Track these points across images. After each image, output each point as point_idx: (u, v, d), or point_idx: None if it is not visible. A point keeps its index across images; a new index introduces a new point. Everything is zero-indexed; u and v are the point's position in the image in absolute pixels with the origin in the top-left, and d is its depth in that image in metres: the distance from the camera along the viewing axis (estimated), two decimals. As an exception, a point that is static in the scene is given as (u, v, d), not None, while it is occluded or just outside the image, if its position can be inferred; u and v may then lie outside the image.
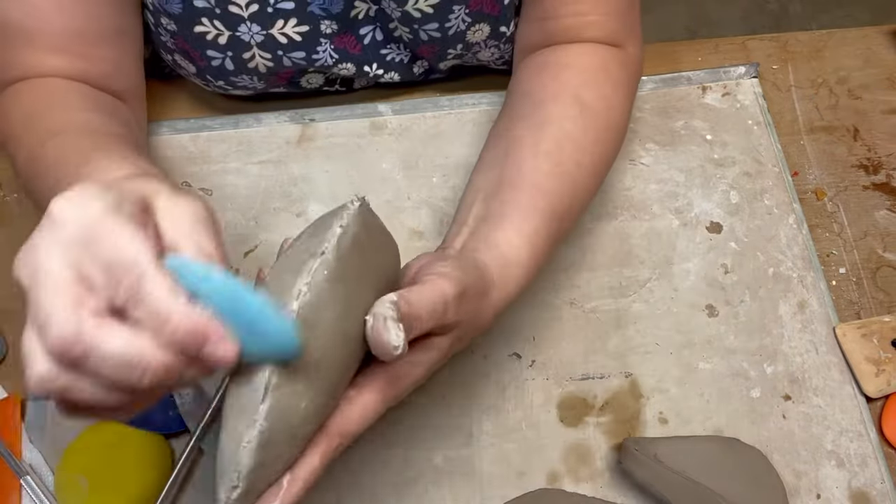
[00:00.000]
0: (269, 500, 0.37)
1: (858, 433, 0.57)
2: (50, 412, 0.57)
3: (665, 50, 0.74)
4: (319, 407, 0.37)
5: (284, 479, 0.37)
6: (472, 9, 0.60)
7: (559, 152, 0.54)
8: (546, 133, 0.54)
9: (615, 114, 0.58)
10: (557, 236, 0.53)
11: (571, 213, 0.54)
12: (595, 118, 0.56)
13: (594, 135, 0.56)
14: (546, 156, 0.53)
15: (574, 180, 0.54)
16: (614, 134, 0.58)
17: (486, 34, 0.63)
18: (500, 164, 0.54)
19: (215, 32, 0.58)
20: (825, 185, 0.67)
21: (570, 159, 0.54)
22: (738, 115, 0.70)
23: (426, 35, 0.61)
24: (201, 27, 0.58)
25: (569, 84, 0.57)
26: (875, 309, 0.62)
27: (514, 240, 0.50)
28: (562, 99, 0.56)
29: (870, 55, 0.74)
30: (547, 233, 0.51)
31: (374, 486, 0.55)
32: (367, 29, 0.64)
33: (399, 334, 0.36)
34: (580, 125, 0.55)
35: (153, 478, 0.53)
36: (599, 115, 0.57)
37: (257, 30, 0.58)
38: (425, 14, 0.59)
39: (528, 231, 0.50)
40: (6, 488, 0.54)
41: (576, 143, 0.55)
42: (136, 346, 0.31)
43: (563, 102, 0.56)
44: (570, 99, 0.56)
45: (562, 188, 0.53)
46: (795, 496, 0.54)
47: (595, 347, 0.60)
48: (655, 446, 0.53)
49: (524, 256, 0.50)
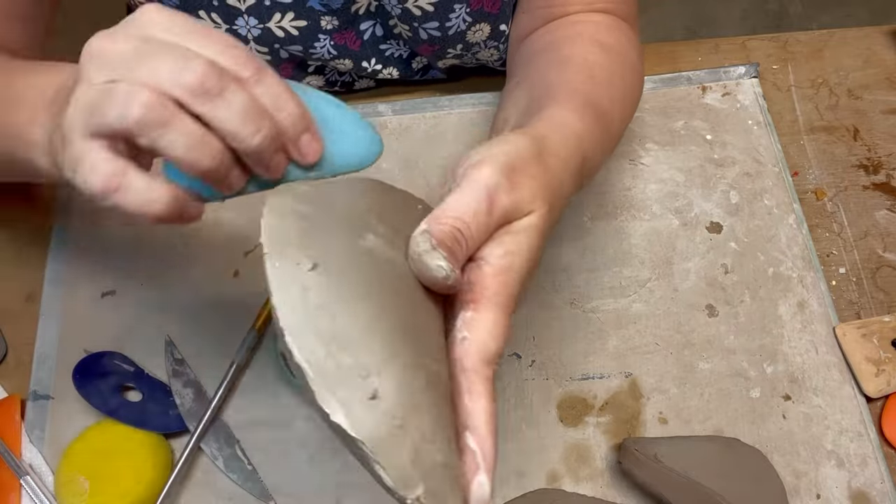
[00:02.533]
0: (475, 478, 0.32)
1: (858, 433, 0.57)
2: (50, 412, 0.57)
3: (665, 50, 0.74)
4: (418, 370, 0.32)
5: (469, 441, 0.33)
6: (473, 8, 0.60)
7: (588, 70, 0.51)
8: (571, 64, 0.52)
9: (633, 60, 0.56)
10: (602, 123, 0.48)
11: (610, 112, 0.50)
12: (617, 56, 0.54)
13: (620, 68, 0.54)
14: (575, 72, 0.51)
15: (609, 89, 0.51)
16: (635, 77, 0.56)
17: (486, 34, 0.63)
18: (527, 92, 0.51)
19: (212, 26, 0.58)
20: (825, 185, 0.67)
21: (601, 74, 0.51)
22: (738, 115, 0.70)
23: (426, 34, 0.61)
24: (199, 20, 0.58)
25: (584, 31, 0.55)
26: (875, 309, 0.62)
27: (557, 111, 0.45)
28: (580, 41, 0.54)
29: (870, 55, 0.74)
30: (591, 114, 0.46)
31: (374, 486, 0.55)
32: (367, 24, 0.64)
33: (440, 263, 0.33)
34: (604, 58, 0.53)
35: (153, 478, 0.53)
36: (620, 53, 0.55)
37: (254, 23, 0.58)
38: (426, 12, 0.59)
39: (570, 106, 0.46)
40: (6, 488, 0.54)
41: (603, 67, 0.52)
42: (256, 107, 0.35)
43: (582, 43, 0.54)
44: (589, 41, 0.54)
45: (597, 88, 0.50)
46: (795, 496, 0.54)
47: (595, 347, 0.60)
48: (655, 446, 0.53)
49: (574, 119, 0.45)
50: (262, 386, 0.58)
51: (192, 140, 0.34)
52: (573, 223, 0.65)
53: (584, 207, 0.65)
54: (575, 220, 0.65)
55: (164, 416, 0.56)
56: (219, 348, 0.59)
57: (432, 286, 0.34)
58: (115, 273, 0.62)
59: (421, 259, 0.33)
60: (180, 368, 0.58)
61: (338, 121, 0.40)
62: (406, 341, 0.32)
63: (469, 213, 0.34)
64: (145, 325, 0.60)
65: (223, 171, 0.36)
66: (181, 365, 0.58)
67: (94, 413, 0.56)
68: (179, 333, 0.60)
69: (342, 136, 0.40)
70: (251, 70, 0.35)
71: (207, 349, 0.59)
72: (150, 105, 0.33)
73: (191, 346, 0.59)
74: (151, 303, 0.61)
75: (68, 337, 0.60)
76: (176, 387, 0.57)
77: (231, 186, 0.37)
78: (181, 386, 0.57)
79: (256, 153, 0.35)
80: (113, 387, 0.56)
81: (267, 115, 0.35)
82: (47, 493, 0.54)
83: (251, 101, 0.35)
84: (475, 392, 0.33)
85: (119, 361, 0.58)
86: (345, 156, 0.40)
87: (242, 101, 0.34)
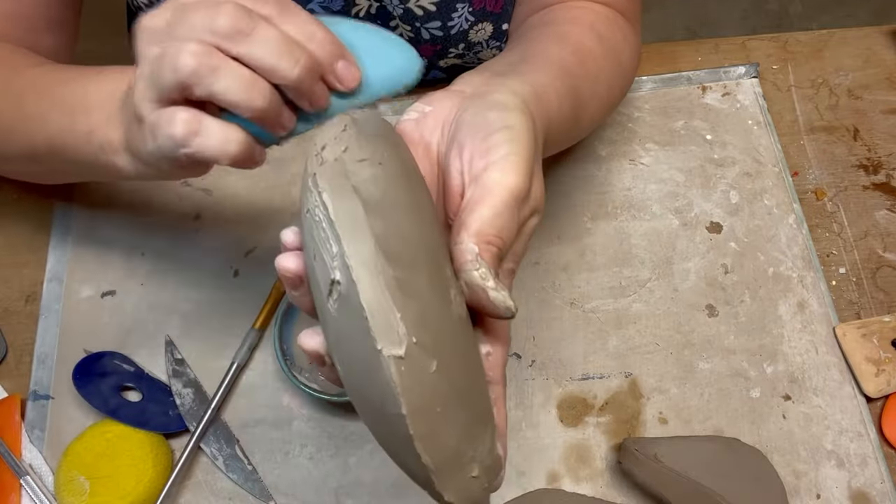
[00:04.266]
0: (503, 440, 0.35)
1: (858, 433, 0.57)
2: (50, 412, 0.57)
3: (665, 50, 0.74)
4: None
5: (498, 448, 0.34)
6: (476, 7, 0.60)
7: (579, 53, 0.51)
8: (567, 42, 0.52)
9: (625, 61, 0.57)
10: (575, 104, 0.49)
11: (583, 112, 0.51)
12: (611, 51, 0.55)
13: (609, 62, 0.54)
14: (566, 50, 0.51)
15: (595, 78, 0.52)
16: (622, 80, 0.57)
17: (488, 34, 0.63)
18: (516, 54, 0.51)
19: None
20: (825, 185, 0.67)
21: (590, 61, 0.52)
22: (738, 115, 0.70)
23: (428, 34, 0.61)
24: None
25: (583, 17, 0.55)
26: (875, 309, 0.62)
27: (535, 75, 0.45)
28: (578, 24, 0.54)
29: (870, 55, 0.74)
30: (566, 92, 0.47)
31: (374, 486, 0.55)
32: None
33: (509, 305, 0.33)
34: (598, 49, 0.53)
35: (153, 478, 0.53)
36: (614, 49, 0.55)
37: None
38: (428, 12, 0.59)
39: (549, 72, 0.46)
40: (6, 488, 0.54)
41: (594, 55, 0.53)
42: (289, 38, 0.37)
43: (581, 27, 0.54)
44: (587, 27, 0.54)
45: (583, 72, 0.50)
46: (795, 496, 0.54)
47: (595, 347, 0.60)
48: (655, 446, 0.53)
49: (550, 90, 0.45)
50: (262, 386, 0.58)
51: (243, 82, 0.36)
52: (573, 223, 0.65)
53: (584, 207, 0.65)
54: (575, 220, 0.65)
55: (164, 416, 0.56)
56: (219, 348, 0.59)
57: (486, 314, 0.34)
58: (115, 273, 0.62)
59: (487, 294, 0.33)
60: (180, 368, 0.58)
61: (371, 44, 0.40)
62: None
63: (507, 233, 0.34)
64: (145, 325, 0.60)
65: (275, 110, 0.38)
66: (181, 365, 0.58)
67: (94, 413, 0.56)
68: (179, 333, 0.60)
69: (378, 58, 0.40)
70: (276, 7, 0.37)
71: (207, 349, 0.59)
72: (198, 54, 0.35)
73: (191, 346, 0.59)
74: (151, 303, 0.61)
75: (68, 337, 0.60)
76: (176, 387, 0.57)
77: (284, 126, 0.39)
78: (181, 386, 0.57)
79: (298, 85, 0.37)
80: (113, 387, 0.56)
81: (300, 47, 0.37)
82: (47, 493, 0.54)
83: (283, 36, 0.36)
84: (499, 405, 0.35)
85: (119, 361, 0.58)
86: (384, 77, 0.40)
87: (275, 37, 0.36)
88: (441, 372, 0.30)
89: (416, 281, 0.30)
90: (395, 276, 0.29)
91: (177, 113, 0.37)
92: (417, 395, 0.29)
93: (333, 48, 0.38)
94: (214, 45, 0.36)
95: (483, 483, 0.32)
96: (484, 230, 0.34)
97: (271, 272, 0.61)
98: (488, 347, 0.35)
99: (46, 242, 0.64)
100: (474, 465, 0.32)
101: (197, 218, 0.64)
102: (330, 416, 0.57)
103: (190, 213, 0.64)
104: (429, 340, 0.29)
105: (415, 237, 0.31)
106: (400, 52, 0.41)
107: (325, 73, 0.38)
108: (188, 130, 0.36)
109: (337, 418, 0.57)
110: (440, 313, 0.31)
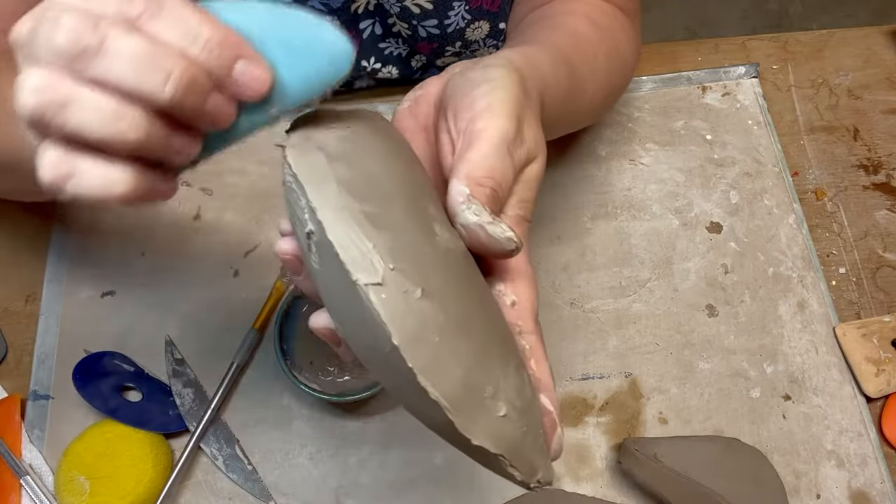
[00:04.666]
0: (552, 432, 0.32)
1: (858, 433, 0.57)
2: (50, 412, 0.57)
3: (665, 50, 0.74)
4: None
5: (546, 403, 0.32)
6: (472, 5, 0.60)
7: (575, 38, 0.51)
8: (560, 29, 0.52)
9: (623, 50, 0.57)
10: (572, 75, 0.48)
11: (585, 80, 0.50)
12: (608, 38, 0.54)
13: (606, 47, 0.54)
14: (561, 35, 0.51)
15: (592, 61, 0.51)
16: (620, 62, 0.57)
17: (485, 32, 0.63)
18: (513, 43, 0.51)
19: None
20: (825, 185, 0.67)
21: (587, 45, 0.52)
22: (738, 115, 0.70)
23: (425, 31, 0.61)
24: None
25: (579, 9, 0.55)
26: (875, 309, 0.62)
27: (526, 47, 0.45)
28: (573, 15, 0.54)
29: (870, 55, 0.74)
30: (562, 61, 0.46)
31: (374, 486, 0.55)
32: (366, 23, 0.64)
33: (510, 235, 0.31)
34: (594, 33, 0.53)
35: (153, 478, 0.53)
36: (611, 37, 0.55)
37: None
38: (424, 10, 0.59)
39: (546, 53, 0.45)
40: (6, 488, 0.54)
41: (591, 42, 0.52)
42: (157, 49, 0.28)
43: (576, 16, 0.54)
44: (583, 17, 0.54)
45: (579, 54, 0.50)
46: (795, 496, 0.54)
47: (595, 347, 0.60)
48: (655, 446, 0.53)
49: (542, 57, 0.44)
50: (262, 386, 0.58)
51: (102, 114, 0.28)
52: (573, 223, 0.65)
53: (584, 207, 0.65)
54: (575, 220, 0.65)
55: (164, 416, 0.56)
56: (219, 348, 0.59)
57: (492, 255, 0.33)
58: (115, 273, 0.62)
59: (485, 230, 0.31)
60: (180, 368, 0.58)
61: (284, 32, 0.30)
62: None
63: (499, 173, 0.33)
64: (145, 325, 0.60)
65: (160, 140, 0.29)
66: (181, 365, 0.58)
67: (94, 413, 0.56)
68: (179, 333, 0.60)
69: (295, 49, 0.30)
70: (142, 4, 0.28)
71: (207, 349, 0.59)
72: (38, 90, 0.28)
73: (191, 346, 0.59)
74: (151, 303, 0.61)
75: (68, 337, 0.60)
76: (176, 387, 0.57)
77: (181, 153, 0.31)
78: (181, 386, 0.57)
79: (177, 105, 0.28)
80: (113, 387, 0.56)
81: (174, 54, 0.28)
82: (47, 493, 0.54)
83: (145, 44, 0.27)
84: (538, 355, 0.33)
85: (119, 361, 0.58)
86: (307, 75, 0.31)
87: (132, 47, 0.27)
88: (429, 299, 0.28)
89: (390, 214, 0.29)
90: (362, 210, 0.28)
91: (45, 153, 0.29)
92: (405, 323, 0.27)
93: (227, 46, 0.29)
94: (64, 68, 0.28)
95: (520, 426, 0.29)
96: (473, 173, 0.32)
97: (271, 272, 0.61)
98: (512, 297, 0.33)
99: (46, 242, 0.64)
100: (500, 404, 0.29)
101: (197, 218, 0.64)
102: (330, 416, 0.57)
103: (190, 213, 0.64)
104: (409, 268, 0.28)
105: (385, 177, 0.30)
106: (323, 37, 0.31)
107: (221, 81, 0.29)
108: (56, 174, 0.29)
109: (337, 418, 0.57)
110: (421, 243, 0.30)
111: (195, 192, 0.65)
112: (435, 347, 0.28)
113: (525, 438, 0.29)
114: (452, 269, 0.30)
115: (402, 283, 0.28)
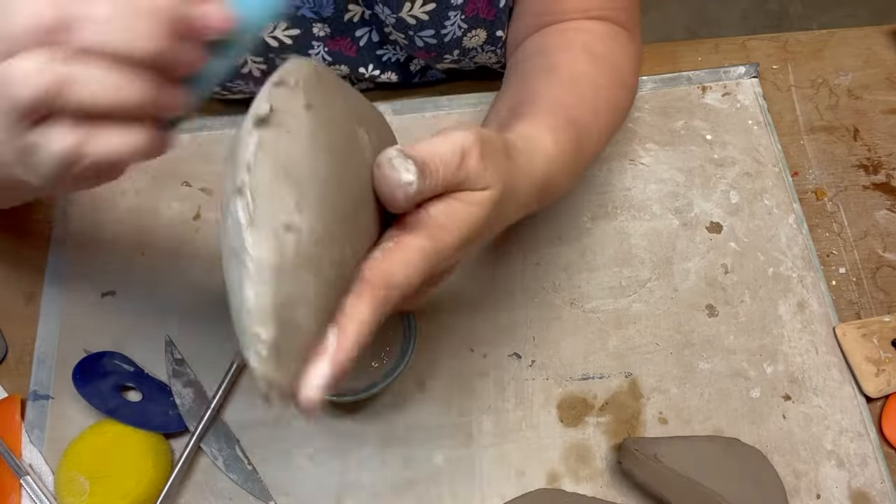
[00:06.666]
0: (318, 360, 0.30)
1: (858, 433, 0.57)
2: (50, 412, 0.57)
3: (665, 50, 0.74)
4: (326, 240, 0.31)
5: (330, 334, 0.31)
6: (468, 14, 0.59)
7: (574, 82, 0.51)
8: (559, 72, 0.52)
9: (625, 72, 0.56)
10: (578, 145, 0.49)
11: (590, 130, 0.51)
12: (608, 67, 0.54)
13: (607, 80, 0.54)
14: (560, 84, 0.51)
15: (594, 103, 0.51)
16: (624, 90, 0.56)
17: (482, 40, 0.62)
18: (510, 99, 0.51)
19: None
20: (825, 185, 0.67)
21: (587, 86, 0.52)
22: (738, 115, 0.70)
23: (422, 41, 0.61)
24: None
25: (576, 40, 0.55)
26: (875, 309, 0.62)
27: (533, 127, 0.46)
28: (571, 50, 0.54)
29: (870, 55, 0.74)
30: (567, 136, 0.47)
31: (374, 486, 0.55)
32: (362, 31, 0.63)
33: (409, 167, 0.32)
34: (593, 68, 0.53)
35: (153, 478, 0.53)
36: (612, 66, 0.55)
37: None
38: (420, 21, 0.59)
39: (549, 124, 0.46)
40: (6, 488, 0.54)
41: (590, 78, 0.53)
42: (129, 6, 0.29)
43: (573, 52, 0.54)
44: (580, 50, 0.54)
45: (581, 103, 0.50)
46: (795, 496, 0.54)
47: (595, 347, 0.60)
48: (655, 446, 0.53)
49: (548, 141, 0.45)
50: (262, 386, 0.58)
51: (105, 83, 0.29)
52: (573, 223, 0.65)
53: (584, 207, 0.65)
54: (575, 220, 0.65)
55: (164, 416, 0.56)
56: (219, 348, 0.59)
57: (391, 193, 0.33)
58: (115, 273, 0.62)
59: (391, 163, 0.32)
60: (180, 368, 0.58)
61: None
62: (345, 220, 0.32)
63: (441, 159, 0.34)
64: (145, 325, 0.60)
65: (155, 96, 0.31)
66: (181, 365, 0.58)
67: (94, 413, 0.56)
68: (179, 333, 0.60)
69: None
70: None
71: (207, 349, 0.59)
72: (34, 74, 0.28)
73: (191, 346, 0.59)
74: (151, 303, 0.61)
75: (68, 337, 0.60)
76: (176, 387, 0.57)
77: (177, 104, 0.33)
78: (181, 386, 0.57)
79: (162, 57, 0.30)
80: (113, 387, 0.56)
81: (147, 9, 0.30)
82: (47, 493, 0.54)
83: (122, 5, 0.29)
84: (361, 298, 0.32)
85: (119, 361, 0.58)
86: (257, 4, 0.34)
87: (110, 10, 0.29)
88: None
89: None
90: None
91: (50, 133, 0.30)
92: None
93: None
94: (48, 44, 0.28)
95: (298, 326, 0.29)
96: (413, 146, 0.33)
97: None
98: (378, 254, 0.33)
99: (47, 242, 0.64)
100: (301, 311, 0.30)
101: (197, 218, 0.64)
102: (330, 416, 0.57)
103: (190, 213, 0.64)
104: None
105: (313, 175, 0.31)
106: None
107: (189, 27, 0.32)
108: (69, 150, 0.30)
109: (337, 418, 0.57)
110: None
111: (195, 192, 0.65)
112: (278, 302, 0.28)
113: (293, 335, 0.29)
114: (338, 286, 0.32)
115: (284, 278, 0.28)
